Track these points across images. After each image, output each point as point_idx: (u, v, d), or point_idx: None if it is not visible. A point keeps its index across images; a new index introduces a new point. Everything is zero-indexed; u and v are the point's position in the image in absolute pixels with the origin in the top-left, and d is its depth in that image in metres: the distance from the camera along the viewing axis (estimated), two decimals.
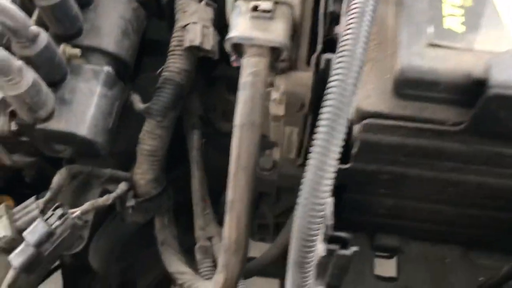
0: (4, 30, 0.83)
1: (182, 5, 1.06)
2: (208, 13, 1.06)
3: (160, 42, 1.11)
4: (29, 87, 0.85)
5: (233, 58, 0.80)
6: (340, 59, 0.60)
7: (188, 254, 1.10)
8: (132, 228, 1.12)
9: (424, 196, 0.81)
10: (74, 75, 0.97)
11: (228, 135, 1.16)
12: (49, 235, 0.86)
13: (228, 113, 1.18)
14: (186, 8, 1.06)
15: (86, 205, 0.92)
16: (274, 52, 0.76)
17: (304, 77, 0.82)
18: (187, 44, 1.02)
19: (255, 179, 0.76)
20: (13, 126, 0.95)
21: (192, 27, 1.03)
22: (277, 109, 0.87)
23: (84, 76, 0.97)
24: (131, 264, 1.33)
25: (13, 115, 0.94)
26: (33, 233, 0.86)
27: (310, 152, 0.59)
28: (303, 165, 1.07)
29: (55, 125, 0.93)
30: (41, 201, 0.92)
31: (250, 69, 0.75)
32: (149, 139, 1.02)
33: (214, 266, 1.04)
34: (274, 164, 1.21)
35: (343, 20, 0.65)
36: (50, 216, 0.88)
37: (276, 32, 0.75)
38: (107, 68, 1.00)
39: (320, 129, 0.59)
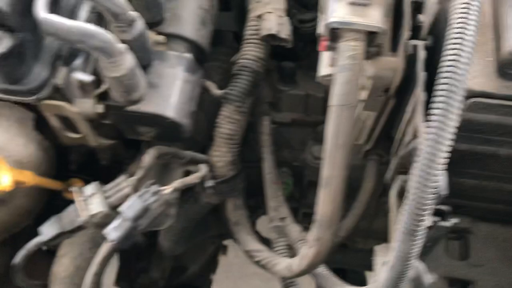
0: (106, 14, 0.88)
1: None
2: (281, 3, 1.11)
3: None
4: (129, 70, 0.89)
5: (325, 42, 0.84)
6: (453, 40, 0.64)
7: None
8: (204, 210, 1.16)
9: (507, 177, 0.85)
10: (159, 60, 1.02)
11: (279, 125, 1.21)
12: (145, 210, 0.91)
13: (280, 104, 1.23)
14: None
15: (176, 183, 0.97)
16: (370, 37, 0.80)
17: (392, 62, 0.87)
18: (264, 32, 1.07)
19: (350, 158, 0.81)
20: (101, 109, 0.99)
21: (268, 17, 1.07)
22: (360, 94, 0.91)
23: (169, 62, 1.02)
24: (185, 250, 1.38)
25: (102, 97, 0.99)
26: (130, 208, 0.91)
27: (428, 127, 0.64)
28: (367, 153, 1.11)
29: (145, 107, 0.97)
30: (133, 179, 0.96)
31: (348, 52, 0.79)
32: (228, 123, 1.06)
33: (288, 245, 1.09)
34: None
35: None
36: (144, 193, 0.92)
37: (374, 17, 0.79)
38: (189, 55, 1.04)
39: (437, 105, 0.63)
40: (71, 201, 1.00)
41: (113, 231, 0.91)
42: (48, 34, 0.84)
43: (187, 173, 1.04)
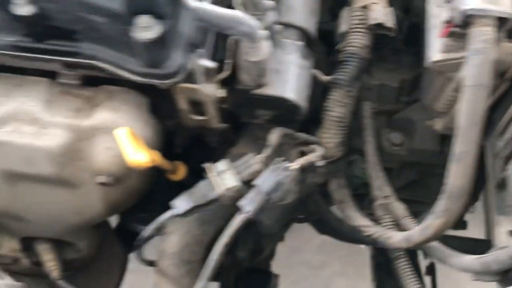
0: (247, 1, 0.95)
1: None
2: None
3: None
4: (267, 55, 0.97)
5: (448, 29, 0.91)
6: None
7: None
8: (308, 190, 1.23)
9: None
10: (278, 48, 1.09)
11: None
12: (279, 184, 0.98)
13: None
14: None
15: (301, 160, 1.04)
16: (501, 23, 0.88)
17: (511, 47, 0.94)
18: (371, 22, 1.14)
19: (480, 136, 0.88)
20: (223, 93, 1.06)
21: (375, 7, 1.15)
22: None
23: (285, 49, 1.09)
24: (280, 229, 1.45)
25: (225, 82, 1.06)
26: (265, 182, 0.98)
27: None
28: None
29: (270, 91, 1.05)
30: (262, 156, 1.03)
31: (480, 37, 0.86)
32: (338, 107, 1.14)
33: (394, 221, 1.16)
34: (402, 140, 1.33)
35: None
36: (276, 169, 1.00)
37: (506, 4, 0.86)
38: (301, 43, 1.12)
39: None
40: None
41: (248, 204, 0.99)
42: (200, 21, 0.91)
43: (302, 153, 1.11)
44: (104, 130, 1.08)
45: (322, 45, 1.24)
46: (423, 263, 1.91)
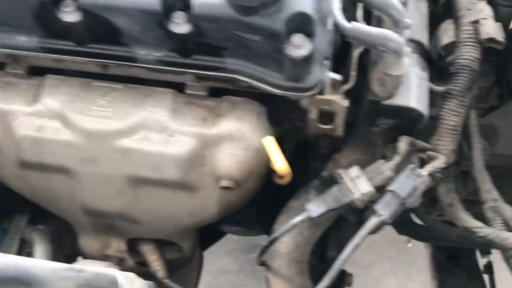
0: (388, 20, 1.03)
1: (464, 3, 1.27)
2: (490, 10, 1.26)
3: None
4: (407, 69, 1.05)
5: None
6: None
7: None
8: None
9: None
10: None
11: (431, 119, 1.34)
12: (414, 190, 1.06)
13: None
14: (471, 6, 1.26)
15: (429, 167, 1.11)
16: None
17: None
18: (483, 36, 1.22)
19: None
20: (346, 103, 1.14)
21: (486, 22, 1.23)
22: None
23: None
24: None
25: (346, 93, 1.13)
26: (402, 188, 1.06)
27: None
28: None
29: (398, 101, 1.12)
30: (393, 163, 1.11)
31: None
32: (452, 116, 1.21)
33: (504, 223, 1.24)
34: (484, 145, 1.41)
35: None
36: (411, 175, 1.07)
37: None
38: (420, 56, 1.20)
39: None
40: None
41: (384, 208, 1.06)
42: (354, 40, 0.99)
43: (421, 160, 1.19)
44: (229, 138, 1.16)
45: None
46: (481, 261, 1.99)
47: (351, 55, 1.14)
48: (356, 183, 1.10)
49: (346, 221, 1.37)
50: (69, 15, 1.04)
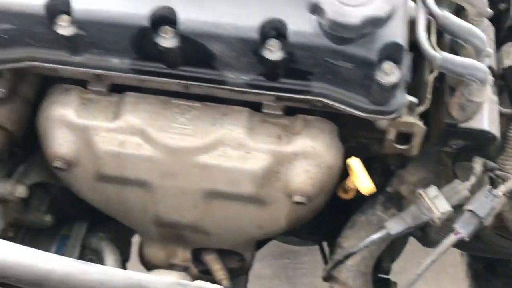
0: (471, 49, 1.09)
1: None
2: None
3: None
4: (488, 97, 1.10)
5: None
6: None
7: None
8: None
9: None
10: None
11: None
12: (493, 210, 1.12)
13: None
14: None
15: (503, 188, 1.17)
16: None
17: None
18: None
19: None
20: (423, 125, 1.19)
21: None
22: None
23: None
24: None
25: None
26: (481, 208, 1.12)
27: None
28: None
29: (474, 124, 1.18)
30: (469, 184, 1.16)
31: None
32: None
33: None
34: None
35: None
36: (488, 195, 1.13)
37: None
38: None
39: None
40: None
41: (463, 227, 1.12)
42: (444, 70, 1.05)
43: (491, 179, 1.24)
44: (303, 155, 1.21)
45: None
46: None
47: (419, 76, 1.19)
48: (435, 202, 1.16)
49: None
50: (167, 41, 1.08)
